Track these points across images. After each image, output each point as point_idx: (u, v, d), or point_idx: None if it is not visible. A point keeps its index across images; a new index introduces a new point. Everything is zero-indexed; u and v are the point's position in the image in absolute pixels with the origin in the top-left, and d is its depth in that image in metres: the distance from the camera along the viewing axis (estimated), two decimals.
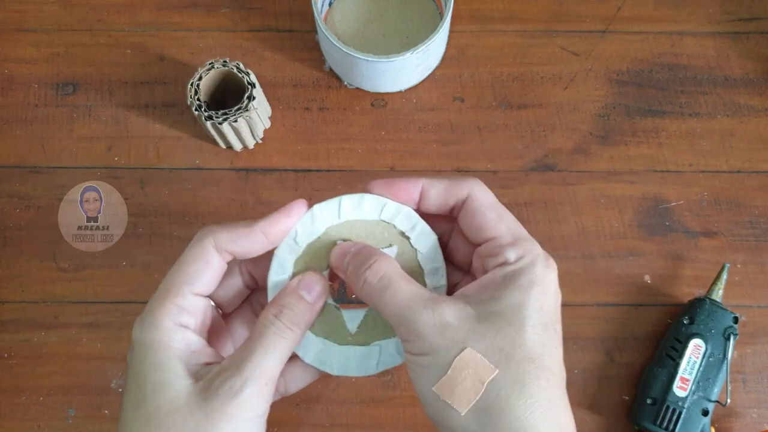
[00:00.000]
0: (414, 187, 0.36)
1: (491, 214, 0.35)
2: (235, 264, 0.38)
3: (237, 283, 0.39)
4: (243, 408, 0.32)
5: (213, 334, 0.37)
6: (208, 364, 0.33)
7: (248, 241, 0.35)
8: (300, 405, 0.52)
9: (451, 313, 0.32)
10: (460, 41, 0.60)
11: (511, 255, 0.34)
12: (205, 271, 0.34)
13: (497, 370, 0.31)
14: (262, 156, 0.57)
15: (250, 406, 0.32)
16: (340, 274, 0.36)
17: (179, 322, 0.33)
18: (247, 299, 0.40)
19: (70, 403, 0.52)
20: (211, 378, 0.32)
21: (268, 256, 0.37)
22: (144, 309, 0.34)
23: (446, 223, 0.38)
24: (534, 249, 0.34)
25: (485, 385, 0.31)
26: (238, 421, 0.31)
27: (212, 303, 0.37)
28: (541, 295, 0.33)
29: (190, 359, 0.33)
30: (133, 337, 0.33)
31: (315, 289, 0.36)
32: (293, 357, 0.37)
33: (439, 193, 0.36)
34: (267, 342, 0.33)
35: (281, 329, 0.34)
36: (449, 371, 0.31)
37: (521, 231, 0.36)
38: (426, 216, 0.37)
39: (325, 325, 0.38)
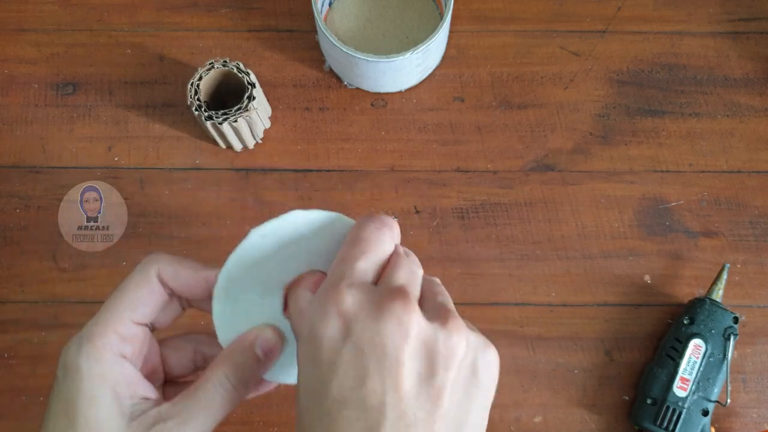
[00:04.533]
0: None
1: None
2: None
3: (175, 307, 0.36)
4: None
5: (146, 357, 0.36)
6: (144, 398, 0.32)
7: (190, 282, 0.34)
8: None
9: None
10: (460, 41, 0.60)
11: None
12: (148, 300, 0.33)
13: None
14: (262, 156, 0.57)
15: None
16: None
17: (119, 351, 0.32)
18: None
19: None
20: (147, 426, 0.31)
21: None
22: (81, 331, 0.32)
23: None
24: None
25: None
26: None
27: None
28: None
29: (126, 393, 0.31)
30: (67, 360, 0.31)
31: (270, 347, 0.33)
32: None
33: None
34: (213, 403, 0.32)
35: (229, 391, 0.32)
36: None
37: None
38: None
39: None
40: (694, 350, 0.50)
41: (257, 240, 0.33)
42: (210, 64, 0.53)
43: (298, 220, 0.33)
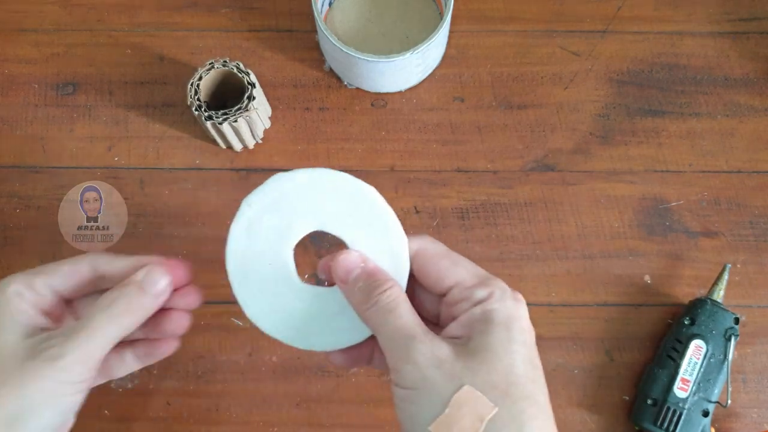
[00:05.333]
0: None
1: (444, 262, 0.36)
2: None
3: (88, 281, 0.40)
4: (58, 372, 0.34)
5: (55, 318, 0.39)
6: (45, 329, 0.36)
7: (125, 268, 0.38)
8: (300, 405, 0.52)
9: (446, 347, 0.32)
10: (460, 41, 0.60)
11: (480, 294, 0.34)
12: (70, 278, 0.38)
13: (497, 408, 0.30)
14: (262, 156, 0.57)
15: (66, 371, 0.34)
16: (338, 283, 0.36)
17: (23, 295, 0.36)
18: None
19: None
20: (40, 341, 0.35)
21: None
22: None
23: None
24: (501, 284, 0.35)
25: (485, 423, 0.30)
26: (50, 381, 0.33)
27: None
28: (522, 330, 0.33)
29: (28, 322, 0.36)
30: None
31: (158, 285, 0.37)
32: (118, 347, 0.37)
33: None
34: (96, 324, 0.35)
35: (112, 316, 0.35)
36: (448, 409, 0.30)
37: (482, 271, 0.36)
38: None
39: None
40: (695, 351, 0.50)
41: (247, 209, 0.37)
42: (210, 64, 0.53)
43: (284, 182, 0.37)
